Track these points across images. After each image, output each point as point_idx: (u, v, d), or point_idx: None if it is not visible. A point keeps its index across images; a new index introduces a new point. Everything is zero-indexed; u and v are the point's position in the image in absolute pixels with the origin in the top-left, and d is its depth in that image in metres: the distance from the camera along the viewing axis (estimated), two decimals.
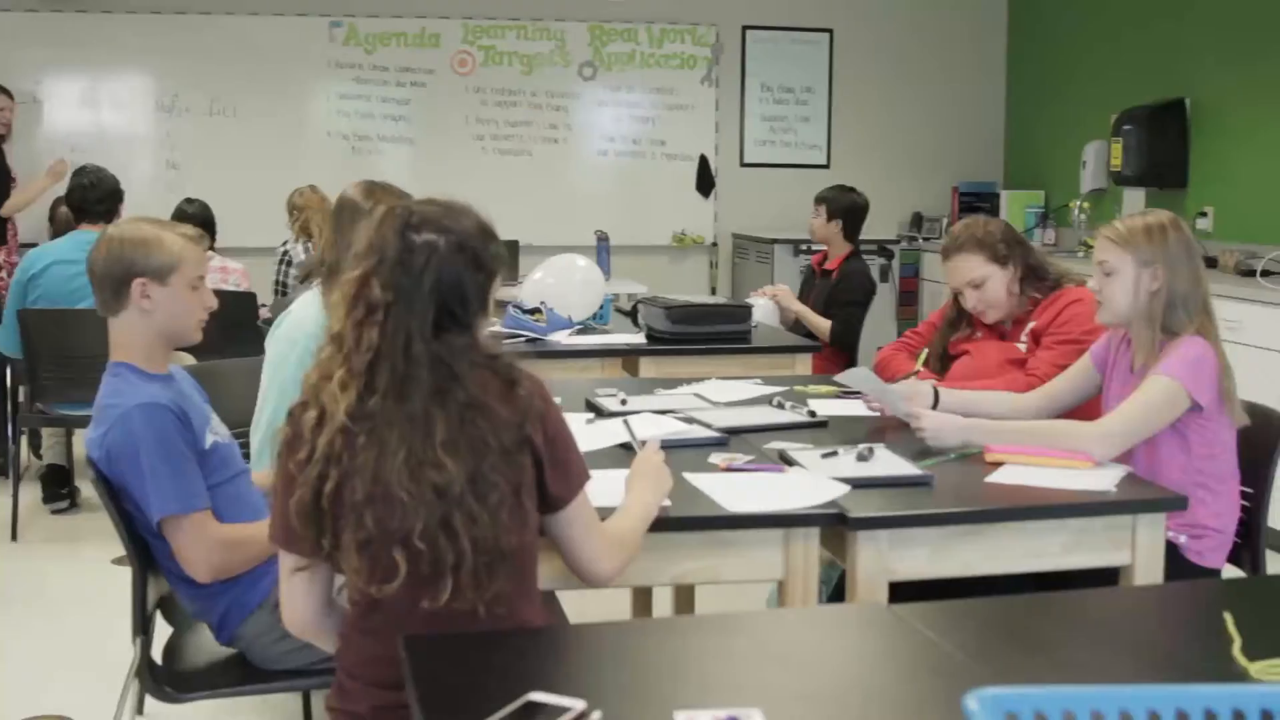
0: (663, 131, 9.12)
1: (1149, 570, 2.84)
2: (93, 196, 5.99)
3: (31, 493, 6.22)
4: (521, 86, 8.93)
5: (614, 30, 9.02)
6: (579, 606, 2.36)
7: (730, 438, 3.22)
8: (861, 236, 6.19)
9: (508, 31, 8.91)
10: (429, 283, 2.15)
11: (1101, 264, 3.29)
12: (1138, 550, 2.83)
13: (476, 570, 2.12)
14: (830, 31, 9.27)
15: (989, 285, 3.87)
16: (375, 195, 3.64)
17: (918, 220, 9.16)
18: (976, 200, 9.01)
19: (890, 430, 3.37)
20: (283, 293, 6.61)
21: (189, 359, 4.48)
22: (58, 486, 6.17)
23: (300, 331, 3.46)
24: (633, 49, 9.05)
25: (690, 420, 3.35)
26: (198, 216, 6.57)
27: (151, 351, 2.90)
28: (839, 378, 3.99)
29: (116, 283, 2.84)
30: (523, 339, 4.68)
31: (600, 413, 3.49)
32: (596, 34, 9.00)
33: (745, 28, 9.19)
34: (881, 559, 2.69)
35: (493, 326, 2.32)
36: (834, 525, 2.69)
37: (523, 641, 2.11)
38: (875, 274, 6.39)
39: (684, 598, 4.13)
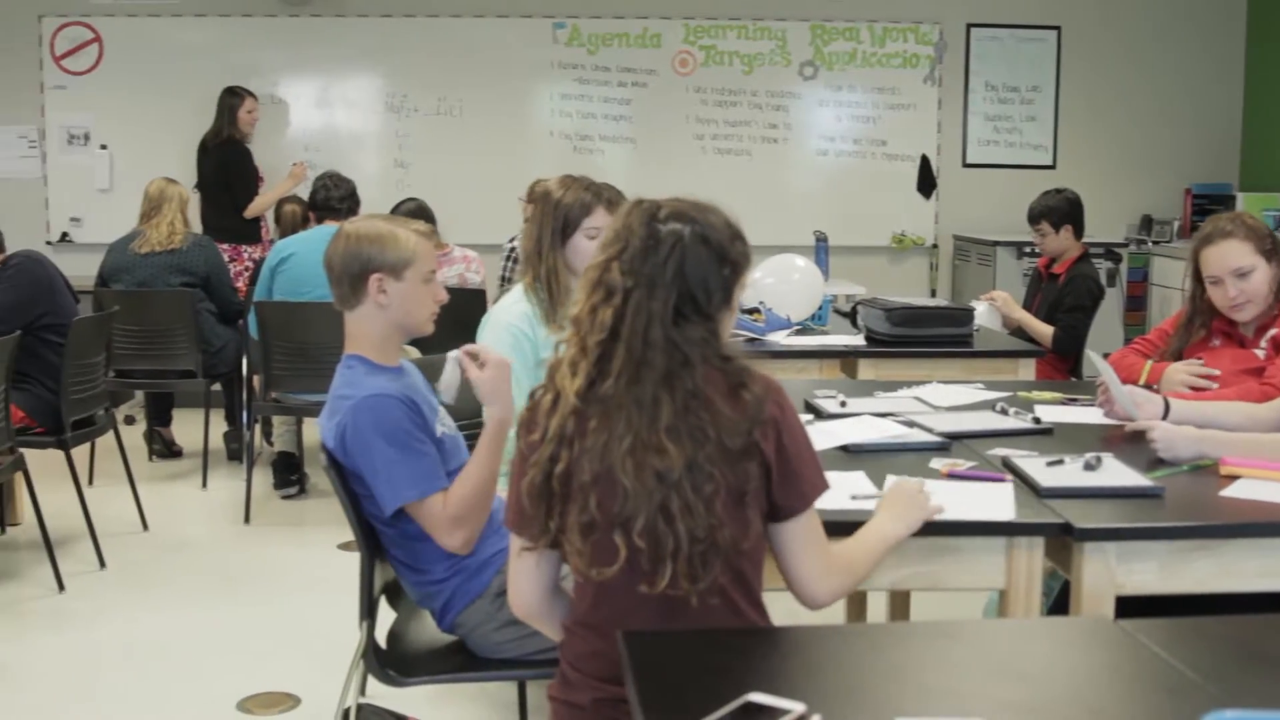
0: (883, 131, 9.03)
1: None
2: (336, 194, 6.27)
3: (263, 478, 6.48)
4: (742, 86, 8.95)
5: (835, 29, 8.96)
6: (792, 608, 2.34)
7: (952, 443, 3.17)
8: (1088, 239, 6.04)
9: (729, 31, 8.93)
10: (672, 270, 2.16)
11: None
12: None
13: (692, 559, 2.12)
14: (1058, 29, 9.05)
15: (1255, 276, 3.68)
16: (565, 184, 3.70)
17: (1147, 223, 8.87)
18: (1209, 203, 8.66)
19: (1119, 440, 3.27)
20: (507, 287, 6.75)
21: (415, 353, 4.61)
22: (288, 473, 6.41)
23: (507, 315, 3.54)
24: (854, 48, 8.98)
25: (911, 424, 3.31)
26: (415, 213, 6.77)
27: (385, 344, 2.99)
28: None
29: (354, 278, 2.94)
30: (741, 339, 4.69)
31: (819, 414, 3.47)
32: (818, 33, 8.96)
33: (970, 25, 9.04)
34: (1109, 572, 2.61)
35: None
36: (1059, 536, 2.63)
37: (741, 641, 2.11)
38: (1102, 278, 6.22)
39: (899, 603, 4.08)
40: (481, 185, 8.58)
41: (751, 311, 4.99)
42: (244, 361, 6.66)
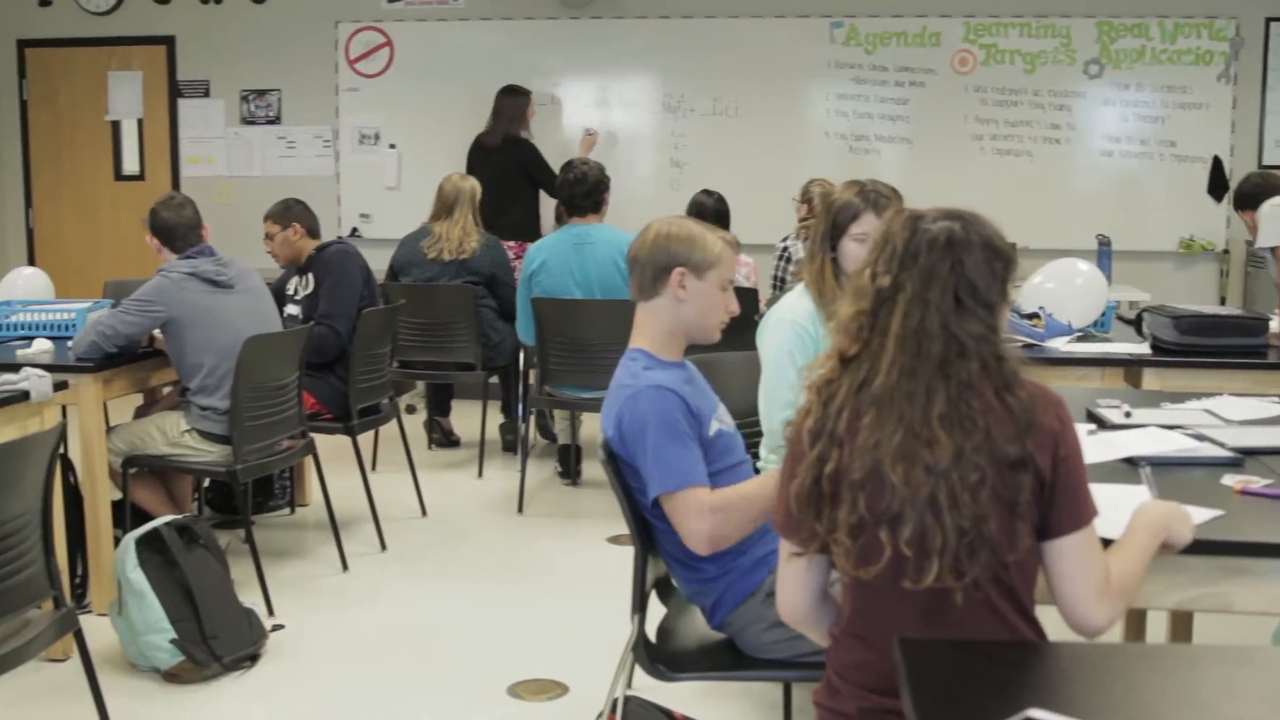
0: (1172, 131, 8.68)
1: None
2: (579, 192, 6.32)
3: (536, 470, 6.64)
4: (1023, 85, 8.73)
5: (1123, 26, 8.66)
6: (1062, 623, 2.27)
7: (1245, 459, 3.02)
8: None
9: (1010, 29, 8.73)
10: (948, 263, 2.14)
11: None
12: None
13: (958, 552, 2.08)
14: None
15: None
16: (842, 187, 3.69)
17: None
18: None
19: None
20: (780, 288, 6.75)
21: None
22: (574, 463, 6.57)
23: (791, 314, 3.53)
24: (1143, 45, 8.66)
25: (1201, 438, 3.16)
26: (714, 208, 6.85)
27: (671, 341, 3.04)
28: None
29: (658, 270, 3.01)
30: (1019, 344, 4.56)
31: (1102, 424, 3.35)
32: (1104, 30, 8.67)
33: (1269, 19, 8.61)
34: None
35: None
36: None
37: (1017, 655, 2.06)
38: None
39: (1181, 625, 3.91)
40: (756, 185, 8.60)
41: (1031, 317, 4.86)
42: (521, 356, 6.83)
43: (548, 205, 8.17)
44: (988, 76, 8.76)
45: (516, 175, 8.13)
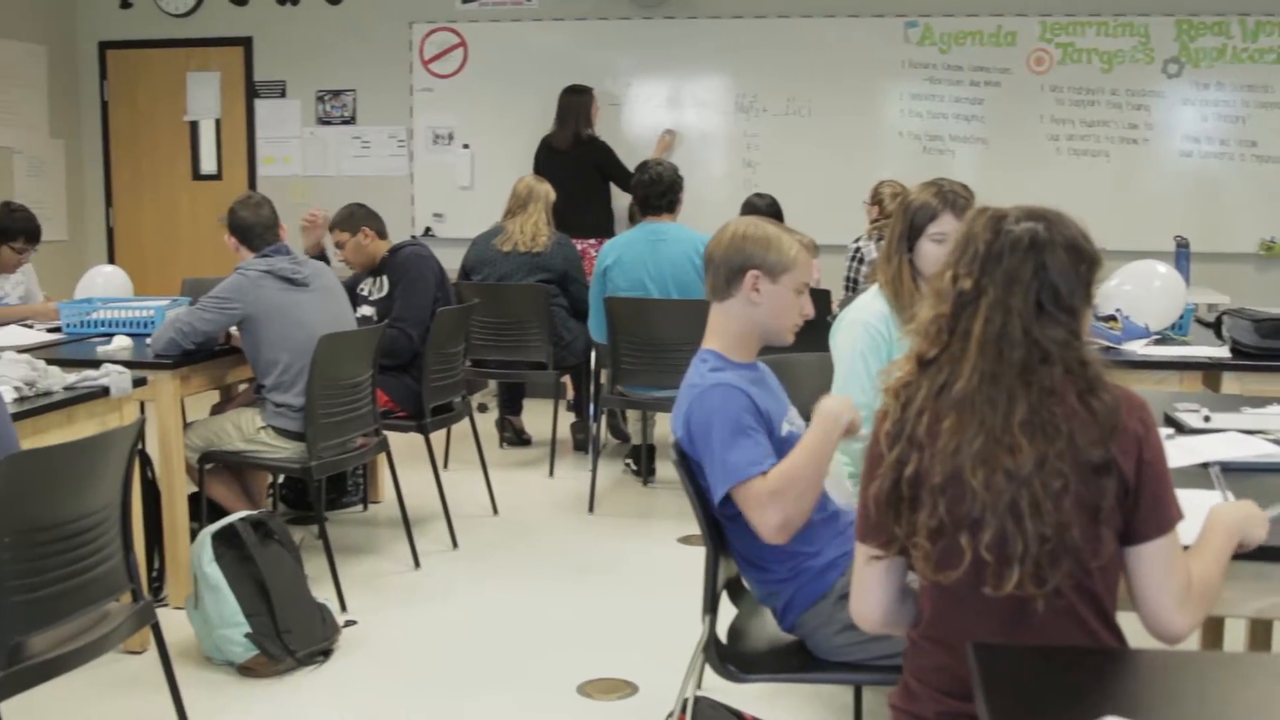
0: (1253, 131, 8.54)
1: None
2: (655, 191, 6.33)
3: (607, 469, 6.65)
4: (1101, 85, 8.62)
5: (1203, 24, 8.53)
6: (1140, 629, 2.24)
7: None
8: None
9: (1087, 28, 8.63)
10: (1031, 267, 2.12)
11: None
12: None
13: (1039, 559, 2.07)
14: None
15: None
16: (919, 188, 3.66)
17: None
18: None
19: None
20: (852, 289, 6.72)
21: None
22: (649, 461, 6.62)
23: (864, 314, 3.52)
24: (1223, 43, 8.52)
25: None
26: (766, 209, 6.83)
27: (743, 342, 3.04)
28: None
29: (733, 271, 3.01)
30: (1097, 346, 4.51)
31: (1180, 429, 3.31)
32: (1184, 28, 8.55)
33: None
34: None
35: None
36: None
37: (1095, 661, 2.04)
38: None
39: (1260, 633, 3.85)
40: (829, 186, 8.58)
41: (1108, 319, 4.81)
42: (593, 355, 6.85)
43: (620, 204, 8.17)
44: (1064, 76, 8.66)
45: (591, 175, 8.18)
